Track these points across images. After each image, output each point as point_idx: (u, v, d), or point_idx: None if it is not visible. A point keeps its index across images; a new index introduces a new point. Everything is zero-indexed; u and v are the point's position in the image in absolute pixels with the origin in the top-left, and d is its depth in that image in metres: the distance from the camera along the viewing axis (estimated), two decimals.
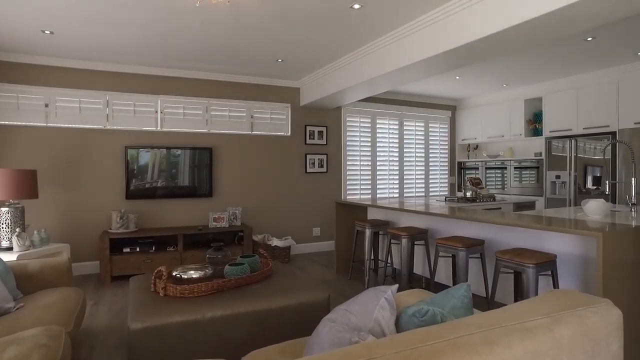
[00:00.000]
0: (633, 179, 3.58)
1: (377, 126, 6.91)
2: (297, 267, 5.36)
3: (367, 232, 4.38)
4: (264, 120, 6.00)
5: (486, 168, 7.16)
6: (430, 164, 7.48)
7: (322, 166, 6.40)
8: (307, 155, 6.28)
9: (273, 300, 2.52)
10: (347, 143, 6.63)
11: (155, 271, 2.69)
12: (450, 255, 3.17)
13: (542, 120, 6.28)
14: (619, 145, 5.32)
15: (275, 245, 5.57)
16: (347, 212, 5.04)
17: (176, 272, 2.72)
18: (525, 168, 6.47)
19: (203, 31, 3.98)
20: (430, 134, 7.49)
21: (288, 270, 3.26)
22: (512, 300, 3.22)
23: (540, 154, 6.33)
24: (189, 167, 5.39)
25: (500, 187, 6.90)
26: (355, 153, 6.70)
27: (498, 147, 7.29)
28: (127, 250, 4.71)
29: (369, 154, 6.81)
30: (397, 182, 7.09)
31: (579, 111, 5.75)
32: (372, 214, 5.04)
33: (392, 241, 3.97)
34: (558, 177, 5.94)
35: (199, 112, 5.59)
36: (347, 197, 6.58)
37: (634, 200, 3.61)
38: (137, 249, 4.77)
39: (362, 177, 6.74)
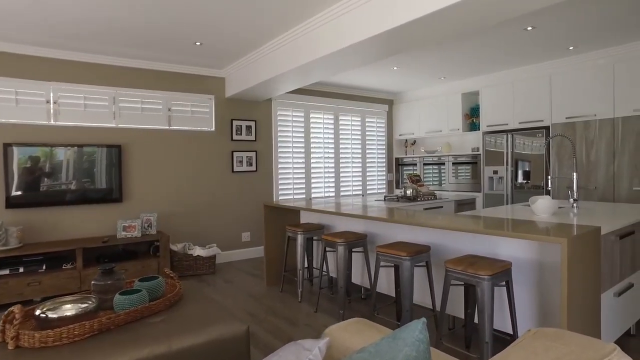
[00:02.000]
0: (574, 174, 3.40)
1: (312, 120, 6.43)
2: (223, 278, 4.74)
3: (299, 239, 3.88)
4: (183, 113, 5.28)
5: (424, 164, 6.96)
6: (368, 160, 7.15)
7: (251, 164, 5.81)
8: (234, 153, 5.65)
9: (174, 340, 1.93)
10: (279, 139, 6.09)
11: (6, 313, 1.98)
12: (393, 265, 2.77)
13: (479, 114, 6.15)
14: (552, 140, 5.28)
15: (197, 255, 4.91)
16: (277, 215, 4.51)
17: (41, 311, 2.03)
18: (463, 164, 6.33)
19: (99, 4, 3.24)
20: (367, 129, 7.16)
21: (201, 292, 2.67)
22: (462, 313, 2.88)
23: (478, 149, 6.20)
24: (93, 168, 4.56)
25: (437, 183, 6.72)
26: (288, 150, 6.18)
27: (436, 142, 7.13)
28: (4, 272, 3.82)
29: (303, 150, 6.32)
30: (333, 180, 6.67)
31: (515, 105, 5.66)
32: (306, 217, 4.55)
33: (327, 249, 3.50)
34: (495, 172, 5.83)
35: (104, 103, 4.76)
36: (280, 198, 6.05)
37: (575, 196, 3.43)
38: (21, 270, 3.90)
39: (295, 176, 6.24)
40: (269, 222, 4.44)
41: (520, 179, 5.58)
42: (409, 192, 4.54)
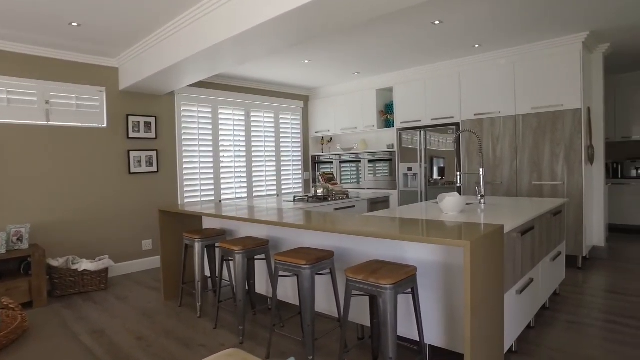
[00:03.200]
0: (481, 170, 3.36)
1: (220, 117, 5.98)
2: (115, 295, 4.15)
3: (197, 247, 3.46)
4: (66, 107, 4.58)
5: (340, 162, 6.81)
6: (282, 159, 6.84)
7: (151, 165, 5.23)
8: (131, 152, 5.04)
9: None
10: (184, 137, 5.56)
11: None
12: (293, 274, 2.48)
13: (393, 111, 6.11)
14: (462, 136, 5.35)
15: (84, 270, 4.27)
16: (177, 221, 4.03)
17: None
18: (379, 161, 6.26)
19: None
20: (281, 126, 6.84)
21: (59, 323, 2.17)
22: (368, 321, 2.66)
23: (393, 145, 6.16)
24: None
25: (355, 181, 6.60)
26: (194, 148, 5.67)
27: (352, 139, 7.01)
28: None
29: (211, 149, 5.85)
30: (245, 180, 6.27)
31: (427, 102, 5.68)
32: (210, 222, 4.13)
33: (226, 257, 3.13)
34: (410, 169, 5.81)
35: None
36: (186, 201, 5.53)
37: (482, 192, 3.40)
38: None
39: (203, 177, 5.75)
40: (166, 229, 3.96)
41: (435, 176, 5.61)
42: (320, 191, 4.30)
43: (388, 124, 6.27)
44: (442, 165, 5.54)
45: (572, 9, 3.77)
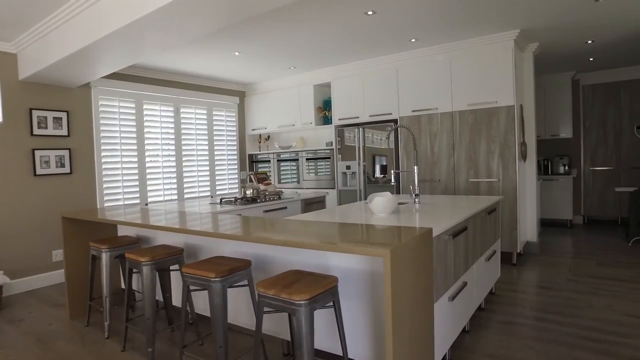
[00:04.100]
0: (415, 167, 3.20)
1: (146, 113, 5.48)
2: (9, 317, 3.60)
3: (105, 258, 3.04)
4: None
5: (278, 160, 6.51)
6: (217, 158, 6.43)
7: (63, 165, 4.66)
8: (37, 152, 4.46)
9: None
10: (102, 134, 5.03)
11: None
12: (202, 288, 2.17)
13: (331, 107, 5.89)
14: (401, 133, 5.24)
15: None
16: (89, 228, 3.56)
17: None
18: (318, 159, 6.03)
19: None
20: (215, 123, 6.43)
21: None
22: (288, 336, 2.39)
23: (332, 143, 5.95)
24: None
25: (296, 180, 6.33)
26: (115, 147, 5.15)
27: (290, 137, 6.73)
28: None
29: (135, 148, 5.35)
30: (175, 181, 5.81)
31: (365, 98, 5.51)
32: (126, 230, 3.68)
33: (134, 269, 2.75)
34: (348, 167, 5.63)
35: None
36: (106, 205, 5.00)
37: (417, 191, 3.24)
38: None
39: (126, 178, 5.24)
40: (72, 238, 3.47)
41: (377, 174, 5.45)
42: (248, 192, 3.99)
43: (326, 120, 6.06)
44: (384, 163, 5.40)
45: (503, 6, 3.72)
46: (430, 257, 1.93)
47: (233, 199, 3.94)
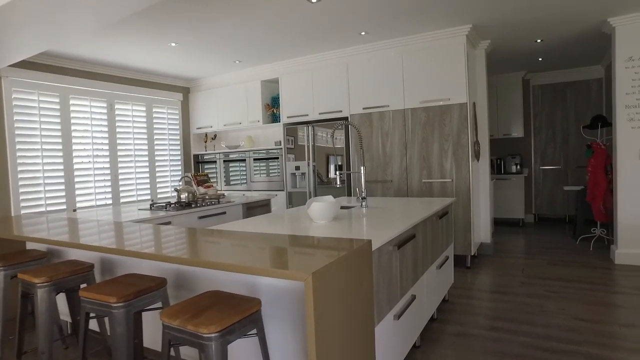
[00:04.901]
0: (362, 168, 2.95)
1: (73, 109, 4.94)
2: None
3: None
4: None
5: (225, 161, 6.11)
6: (158, 159, 5.95)
7: None
8: None
9: None
10: (18, 132, 4.45)
11: None
12: (102, 315, 1.80)
13: (280, 104, 5.56)
14: (351, 132, 5.00)
15: None
16: None
17: None
18: (267, 159, 5.69)
19: None
20: (156, 121, 5.95)
21: None
22: None
23: (280, 142, 5.62)
24: None
25: (245, 182, 5.95)
26: (35, 147, 4.59)
27: (238, 136, 6.34)
28: None
29: (60, 147, 4.80)
30: (109, 184, 5.29)
31: (315, 95, 5.23)
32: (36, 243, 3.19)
33: (27, 293, 2.31)
34: (298, 168, 5.33)
35: None
36: (24, 212, 4.44)
37: (364, 194, 2.98)
38: None
39: (48, 181, 4.68)
40: None
41: (331, 174, 5.17)
42: (183, 196, 3.60)
43: (275, 118, 5.73)
44: (339, 163, 5.12)
45: None
46: (369, 274, 1.66)
47: (165, 204, 3.54)
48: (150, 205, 3.53)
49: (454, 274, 4.15)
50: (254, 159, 5.76)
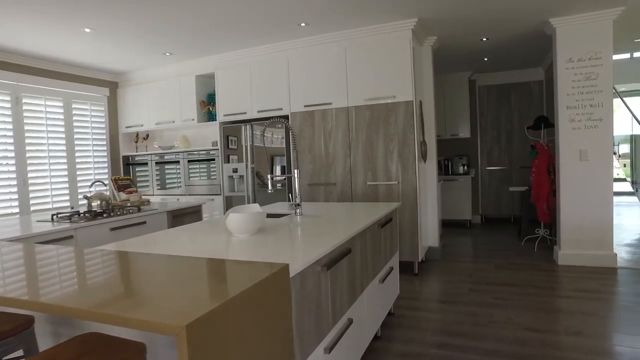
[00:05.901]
0: (295, 171, 2.61)
1: None
2: None
3: None
4: None
5: (158, 163, 5.57)
6: (79, 160, 5.31)
7: None
8: None
9: None
10: None
11: None
12: None
13: (216, 101, 5.12)
14: (292, 132, 4.65)
15: None
16: None
17: None
18: (205, 161, 5.22)
19: None
20: (76, 118, 5.30)
21: None
22: None
23: (217, 143, 5.18)
24: None
25: (181, 186, 5.44)
26: None
27: (173, 136, 5.82)
28: None
29: None
30: (15, 190, 4.62)
31: (253, 91, 4.84)
32: None
33: None
34: (235, 170, 4.91)
35: None
36: None
37: (298, 199, 2.64)
38: None
39: None
40: None
41: (276, 177, 4.78)
42: (95, 204, 3.10)
43: (211, 117, 5.27)
44: (284, 164, 4.75)
45: None
46: (286, 306, 1.32)
47: (70, 215, 3.02)
48: (52, 216, 3.00)
49: (401, 283, 3.92)
50: (189, 161, 5.28)
